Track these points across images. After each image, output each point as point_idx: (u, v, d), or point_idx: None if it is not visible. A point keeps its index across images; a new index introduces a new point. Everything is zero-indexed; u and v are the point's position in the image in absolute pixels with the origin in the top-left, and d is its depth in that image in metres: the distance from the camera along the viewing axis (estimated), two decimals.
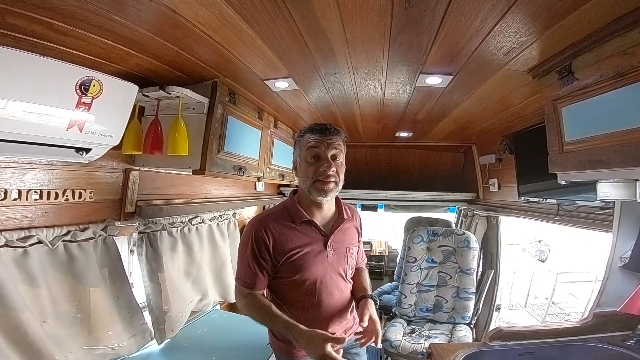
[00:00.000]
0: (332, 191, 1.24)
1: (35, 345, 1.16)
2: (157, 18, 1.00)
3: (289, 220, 1.27)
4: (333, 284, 1.32)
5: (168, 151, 1.48)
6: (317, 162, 1.23)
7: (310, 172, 1.23)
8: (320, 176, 1.22)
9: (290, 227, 1.26)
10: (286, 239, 1.24)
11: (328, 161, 1.22)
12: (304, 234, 1.27)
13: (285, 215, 1.28)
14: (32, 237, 1.21)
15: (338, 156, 1.26)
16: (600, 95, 1.07)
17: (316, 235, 1.29)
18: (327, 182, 1.22)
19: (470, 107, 1.93)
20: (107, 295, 1.48)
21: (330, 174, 1.22)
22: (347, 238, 1.38)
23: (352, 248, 1.39)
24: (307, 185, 1.25)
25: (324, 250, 1.29)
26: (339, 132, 1.29)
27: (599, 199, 1.36)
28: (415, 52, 1.24)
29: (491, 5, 0.91)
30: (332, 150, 1.24)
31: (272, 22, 1.05)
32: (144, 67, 1.34)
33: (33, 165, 1.23)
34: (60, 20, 0.95)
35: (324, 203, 1.29)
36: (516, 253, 5.35)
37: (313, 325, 1.26)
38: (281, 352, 1.37)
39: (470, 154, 3.17)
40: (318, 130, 1.26)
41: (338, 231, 1.33)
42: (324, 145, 1.23)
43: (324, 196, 1.23)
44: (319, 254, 1.27)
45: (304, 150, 1.26)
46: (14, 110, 0.93)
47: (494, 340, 1.46)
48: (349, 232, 1.39)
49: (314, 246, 1.27)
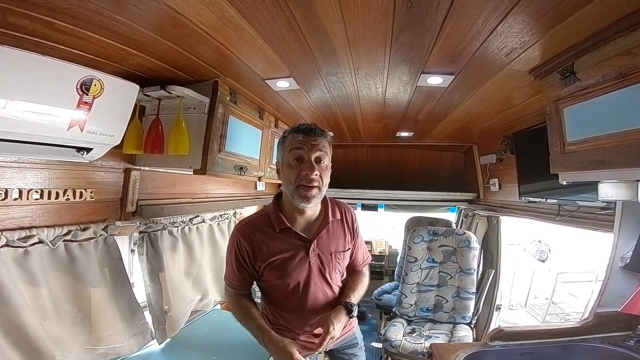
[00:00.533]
0: (315, 197, 1.18)
1: (36, 344, 1.16)
2: (159, 17, 0.99)
3: (269, 227, 1.24)
4: (317, 289, 1.28)
5: (169, 151, 1.48)
6: (300, 164, 1.17)
7: (293, 176, 1.17)
8: (303, 180, 1.16)
9: (269, 233, 1.23)
10: (266, 246, 1.22)
11: (311, 164, 1.16)
12: (284, 241, 1.23)
13: (266, 221, 1.25)
14: (33, 236, 1.21)
15: (323, 159, 1.20)
16: (603, 96, 1.07)
17: (296, 242, 1.24)
18: (310, 188, 1.16)
19: (472, 107, 1.93)
20: (107, 295, 1.48)
21: (313, 178, 1.15)
22: (333, 242, 1.31)
23: (340, 253, 1.33)
24: (290, 190, 1.19)
25: (306, 257, 1.25)
26: (324, 133, 1.23)
27: (600, 200, 1.36)
28: (417, 51, 1.24)
29: (493, 6, 0.91)
30: (316, 152, 1.18)
31: (273, 22, 1.05)
32: (145, 66, 1.33)
33: (34, 164, 1.23)
34: (61, 19, 0.95)
35: (307, 209, 1.23)
36: (516, 253, 5.35)
37: (299, 326, 1.30)
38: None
39: (471, 153, 3.16)
40: (302, 131, 1.19)
41: (322, 236, 1.28)
42: (307, 146, 1.17)
43: (307, 203, 1.18)
44: (300, 260, 1.24)
45: (287, 152, 1.20)
46: (15, 110, 0.93)
47: (495, 340, 1.46)
48: (335, 235, 1.33)
49: (293, 252, 1.23)
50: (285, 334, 1.26)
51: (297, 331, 1.32)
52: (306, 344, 1.31)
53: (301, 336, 1.33)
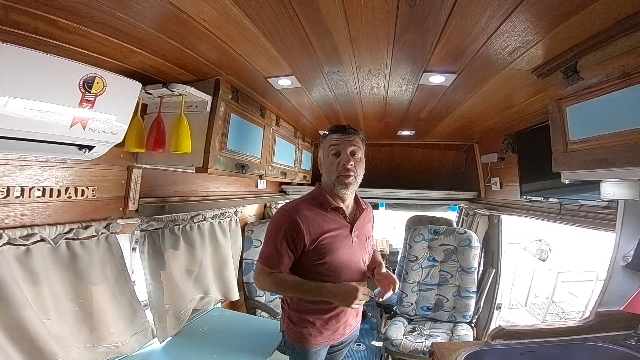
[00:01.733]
0: (352, 185, 1.37)
1: (37, 343, 1.16)
2: (162, 15, 0.99)
3: (319, 207, 1.39)
4: (355, 267, 1.42)
5: (171, 149, 1.47)
6: (338, 157, 1.37)
7: (334, 167, 1.37)
8: (342, 170, 1.35)
9: (320, 213, 1.37)
10: (318, 224, 1.34)
11: (347, 156, 1.35)
12: (333, 220, 1.38)
13: (315, 203, 1.40)
14: (35, 235, 1.21)
15: (356, 152, 1.39)
16: (606, 95, 1.07)
17: (343, 222, 1.41)
18: (347, 177, 1.35)
19: (473, 105, 1.93)
20: (109, 293, 1.48)
21: (349, 168, 1.35)
22: (366, 227, 1.51)
23: (369, 236, 1.53)
24: (331, 180, 1.38)
25: (350, 236, 1.40)
26: (357, 131, 1.42)
27: (602, 199, 1.36)
28: (419, 50, 1.24)
29: (497, 5, 0.91)
30: (351, 147, 1.37)
31: (276, 20, 1.04)
32: (147, 64, 1.33)
33: (36, 162, 1.23)
34: (64, 17, 0.95)
35: (346, 196, 1.41)
36: (517, 252, 5.35)
37: (334, 307, 1.40)
38: (295, 338, 1.43)
39: (472, 152, 3.16)
40: (338, 130, 1.40)
41: (359, 220, 1.45)
42: (343, 142, 1.37)
43: (346, 189, 1.37)
44: (345, 239, 1.39)
45: (327, 148, 1.40)
46: (17, 108, 0.93)
47: (496, 339, 1.47)
48: (365, 222, 1.52)
49: (341, 231, 1.39)
50: (307, 325, 1.40)
51: (328, 313, 1.42)
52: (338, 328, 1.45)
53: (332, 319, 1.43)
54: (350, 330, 1.51)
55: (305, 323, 1.40)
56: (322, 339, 1.41)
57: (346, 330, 1.48)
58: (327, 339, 1.43)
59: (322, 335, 1.41)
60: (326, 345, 1.45)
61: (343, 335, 1.48)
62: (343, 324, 1.45)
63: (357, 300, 1.24)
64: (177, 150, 1.46)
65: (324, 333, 1.41)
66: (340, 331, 1.45)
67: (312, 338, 1.40)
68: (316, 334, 1.40)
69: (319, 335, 1.40)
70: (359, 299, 1.24)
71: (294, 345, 1.44)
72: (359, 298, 1.23)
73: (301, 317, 1.41)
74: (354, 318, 1.52)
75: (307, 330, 1.40)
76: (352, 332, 1.54)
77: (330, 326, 1.42)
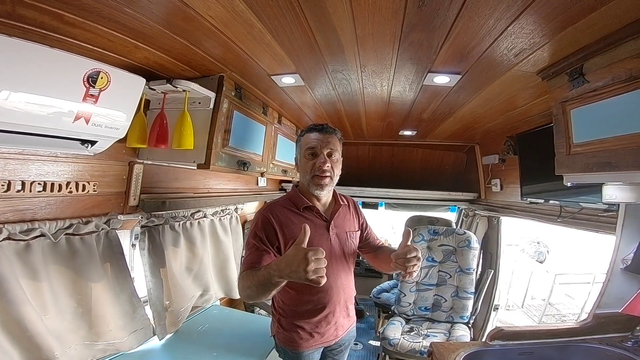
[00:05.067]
0: (327, 185, 1.36)
1: (35, 339, 1.15)
2: (168, 10, 0.98)
3: (293, 207, 1.38)
4: (338, 266, 1.41)
5: (173, 145, 1.47)
6: (315, 158, 1.35)
7: (309, 168, 1.35)
8: (317, 171, 1.33)
9: (294, 212, 1.37)
10: (292, 223, 1.33)
11: (324, 157, 1.34)
12: (307, 219, 1.35)
13: (289, 203, 1.40)
14: (35, 229, 1.20)
15: (333, 153, 1.38)
16: (611, 98, 1.07)
17: (318, 220, 1.39)
18: (323, 177, 1.33)
19: (476, 107, 1.92)
20: (108, 290, 1.47)
21: (325, 169, 1.33)
22: (346, 223, 1.48)
23: (353, 232, 1.50)
24: (306, 179, 1.37)
25: (327, 234, 1.39)
26: (335, 131, 1.40)
27: (604, 202, 1.36)
28: (425, 50, 1.23)
29: (506, 6, 0.91)
30: (328, 148, 1.36)
31: (283, 17, 1.04)
32: (151, 60, 1.32)
33: (37, 156, 1.22)
34: (70, 11, 0.94)
35: (322, 196, 1.40)
36: (515, 254, 5.37)
37: (321, 309, 1.39)
38: (285, 343, 1.42)
39: (473, 153, 3.16)
40: (316, 130, 1.38)
41: (337, 217, 1.44)
42: (320, 143, 1.35)
43: (321, 190, 1.36)
44: (322, 237, 1.37)
45: (303, 148, 1.38)
46: (20, 101, 0.92)
47: (495, 339, 1.48)
48: (347, 217, 1.50)
49: (317, 229, 1.36)
50: (297, 330, 1.39)
51: (316, 316, 1.39)
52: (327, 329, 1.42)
53: (322, 322, 1.41)
54: (344, 331, 1.50)
55: (295, 328, 1.39)
56: (314, 342, 1.40)
57: (339, 332, 1.47)
58: (319, 341, 1.42)
59: (313, 338, 1.40)
60: (319, 348, 1.45)
61: (336, 337, 1.46)
62: (334, 326, 1.44)
63: (310, 265, 0.91)
64: (180, 146, 1.45)
65: (315, 336, 1.40)
66: (332, 333, 1.44)
67: (304, 342, 1.39)
68: (307, 337, 1.39)
69: (310, 339, 1.40)
70: (311, 263, 0.92)
71: (286, 349, 1.43)
72: (309, 262, 0.91)
73: (290, 322, 1.40)
74: (345, 318, 1.49)
75: (297, 334, 1.39)
76: (346, 333, 1.51)
77: (320, 329, 1.41)
